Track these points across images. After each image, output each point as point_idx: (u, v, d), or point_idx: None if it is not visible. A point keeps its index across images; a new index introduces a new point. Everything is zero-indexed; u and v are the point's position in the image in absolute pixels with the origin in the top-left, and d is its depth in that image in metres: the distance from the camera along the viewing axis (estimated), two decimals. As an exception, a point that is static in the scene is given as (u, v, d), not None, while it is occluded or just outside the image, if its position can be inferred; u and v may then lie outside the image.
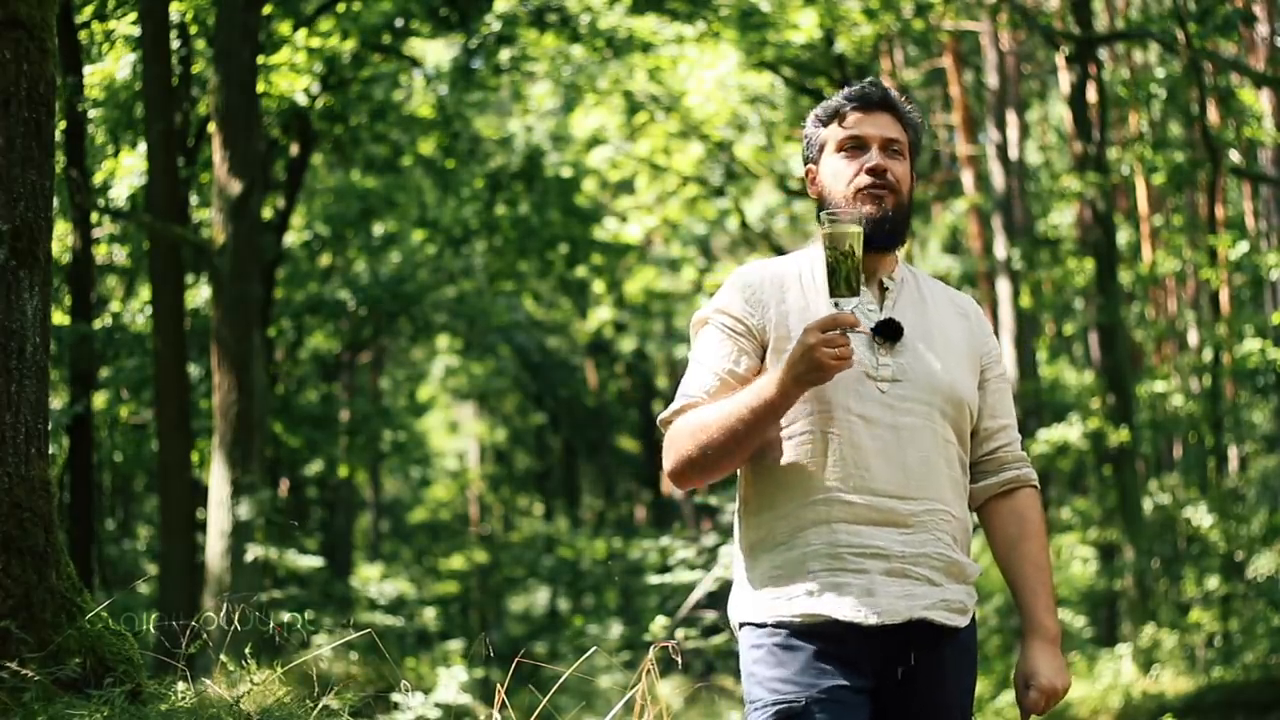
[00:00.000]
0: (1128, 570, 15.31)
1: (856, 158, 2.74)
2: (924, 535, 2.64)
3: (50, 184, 3.23)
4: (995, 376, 2.82)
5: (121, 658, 3.13)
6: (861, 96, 2.77)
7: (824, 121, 2.80)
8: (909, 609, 2.61)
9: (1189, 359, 18.94)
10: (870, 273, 2.72)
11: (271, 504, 10.00)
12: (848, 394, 2.63)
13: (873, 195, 2.70)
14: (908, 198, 2.76)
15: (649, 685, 3.29)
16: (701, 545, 11.34)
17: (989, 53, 18.59)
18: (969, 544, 2.76)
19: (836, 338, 2.49)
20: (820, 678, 2.60)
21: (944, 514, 2.67)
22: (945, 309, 2.80)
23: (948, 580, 2.67)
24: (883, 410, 2.64)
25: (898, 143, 2.75)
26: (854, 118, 2.76)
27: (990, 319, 9.24)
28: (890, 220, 2.71)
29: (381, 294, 19.17)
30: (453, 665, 8.08)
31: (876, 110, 2.76)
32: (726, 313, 2.74)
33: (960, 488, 2.73)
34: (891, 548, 2.61)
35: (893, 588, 2.61)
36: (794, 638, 2.63)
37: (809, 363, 2.50)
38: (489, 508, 32.14)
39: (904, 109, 2.79)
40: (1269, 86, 14.56)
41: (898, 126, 2.77)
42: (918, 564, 2.63)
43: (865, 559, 2.61)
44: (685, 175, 19.89)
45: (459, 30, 14.20)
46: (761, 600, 2.68)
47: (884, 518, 2.62)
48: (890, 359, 2.67)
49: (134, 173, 12.15)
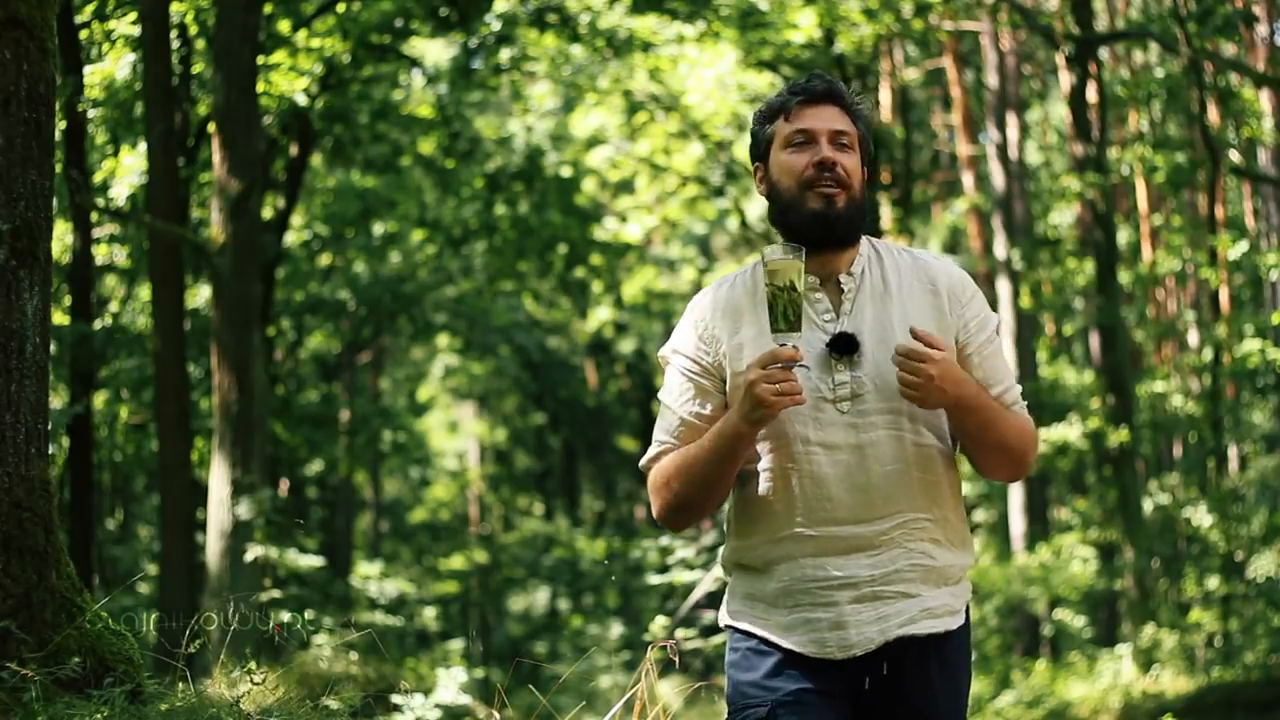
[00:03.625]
0: (1128, 570, 15.30)
1: (805, 151, 2.65)
2: (895, 551, 2.60)
3: (50, 184, 3.23)
4: (981, 344, 2.68)
5: (121, 658, 3.13)
6: (806, 89, 2.69)
7: (769, 118, 2.72)
8: (882, 633, 2.59)
9: (1189, 359, 18.94)
10: (826, 275, 2.66)
11: (271, 504, 9.99)
12: (805, 424, 2.59)
13: (823, 193, 2.63)
14: (860, 191, 2.66)
15: (649, 685, 3.29)
16: (701, 545, 11.33)
17: (989, 53, 18.59)
18: (959, 535, 2.70)
19: (776, 373, 2.46)
20: (788, 681, 2.61)
21: (917, 522, 2.62)
22: (911, 290, 2.67)
23: (927, 588, 2.63)
24: (845, 432, 2.59)
25: (846, 135, 2.66)
26: (800, 111, 2.67)
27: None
28: (842, 219, 2.63)
29: (381, 294, 19.18)
30: (453, 665, 8.09)
31: (823, 103, 2.68)
32: (681, 353, 2.71)
33: (939, 484, 2.65)
34: (860, 574, 2.59)
35: (864, 613, 2.59)
36: (766, 644, 2.66)
37: (752, 400, 2.47)
38: (489, 508, 32.13)
39: (851, 101, 2.71)
40: (1269, 86, 14.57)
41: (845, 119, 2.68)
42: (890, 582, 2.60)
43: (833, 590, 2.59)
44: (685, 175, 19.89)
45: (459, 30, 14.20)
46: (740, 610, 2.72)
47: (849, 545, 2.59)
48: (848, 374, 2.59)
49: (134, 173, 12.14)
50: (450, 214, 18.58)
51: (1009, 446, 2.66)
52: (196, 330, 13.80)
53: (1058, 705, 13.21)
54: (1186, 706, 11.84)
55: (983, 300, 2.74)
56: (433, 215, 18.74)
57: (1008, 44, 18.66)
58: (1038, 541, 17.13)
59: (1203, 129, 14.83)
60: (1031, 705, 13.60)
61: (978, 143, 20.14)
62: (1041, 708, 13.38)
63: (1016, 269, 17.94)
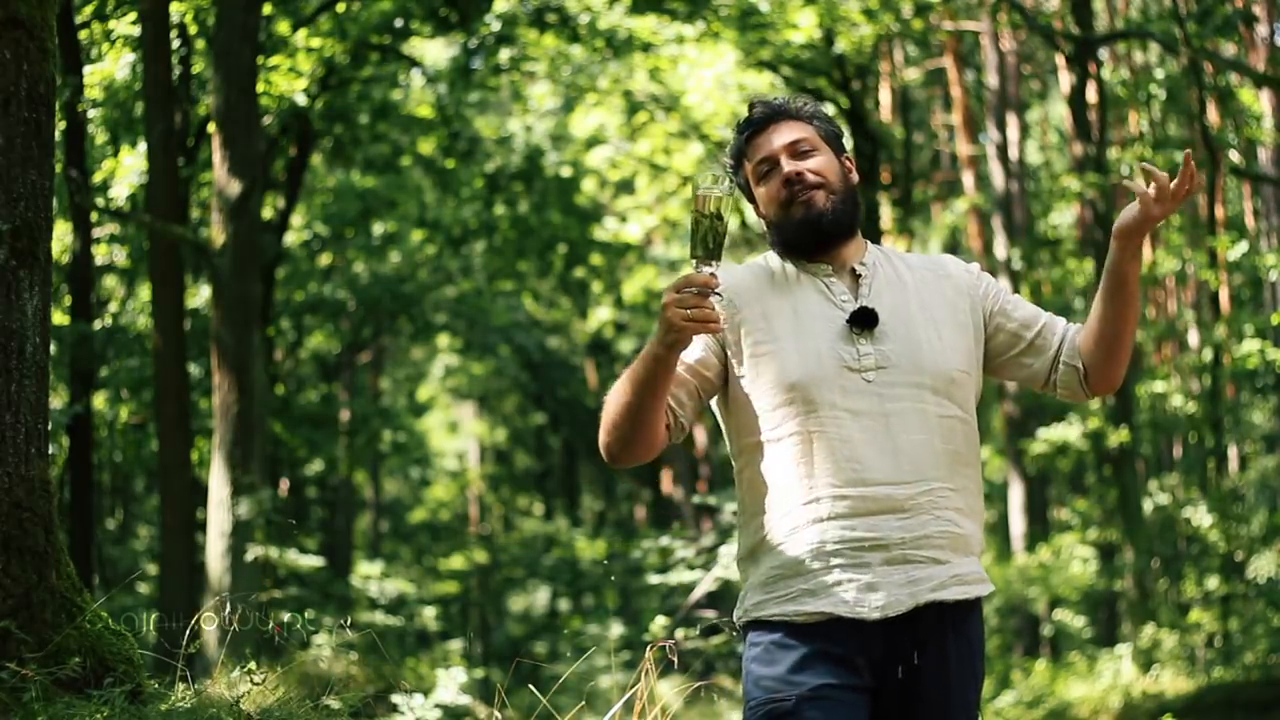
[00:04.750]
0: (1128, 570, 15.32)
1: (773, 177, 2.77)
2: (924, 517, 2.63)
3: (50, 184, 3.24)
4: (1004, 300, 2.81)
5: (121, 658, 3.13)
6: (750, 123, 2.81)
7: (737, 163, 2.83)
8: (913, 596, 2.61)
9: (1189, 359, 18.94)
10: (840, 265, 2.76)
11: (272, 504, 9.99)
12: (831, 390, 2.64)
13: (801, 202, 2.73)
14: (841, 182, 2.77)
15: (649, 685, 3.29)
16: (701, 545, 11.34)
17: (989, 53, 18.59)
18: (978, 511, 2.74)
19: (690, 298, 2.47)
20: (812, 676, 2.61)
21: (943, 491, 2.65)
22: (923, 279, 2.80)
23: (956, 555, 2.66)
24: (870, 400, 2.64)
25: (803, 140, 2.77)
26: (754, 144, 2.80)
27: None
28: (828, 214, 2.73)
29: (381, 294, 19.18)
30: (453, 665, 8.09)
31: (770, 124, 2.80)
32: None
33: (962, 458, 2.70)
34: (890, 535, 2.61)
35: (895, 576, 2.61)
36: (790, 637, 2.64)
37: (664, 323, 2.50)
38: (489, 508, 32.14)
39: (795, 108, 2.81)
40: (1269, 86, 14.56)
41: (796, 126, 2.78)
42: (920, 546, 2.62)
43: (864, 552, 2.61)
44: (685, 175, 19.90)
45: (459, 30, 14.20)
46: (763, 600, 2.70)
47: (880, 506, 2.62)
48: (871, 347, 2.67)
49: (134, 173, 12.15)
50: (450, 214, 18.59)
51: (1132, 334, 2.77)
52: (196, 330, 13.80)
53: (1058, 705, 13.22)
54: (1186, 706, 11.84)
55: (989, 275, 2.89)
56: (433, 215, 18.74)
57: (1008, 44, 18.66)
58: (1038, 541, 17.14)
59: (1203, 129, 14.83)
60: (1031, 705, 13.60)
61: (978, 143, 20.14)
62: (1041, 708, 13.39)
63: (1016, 269, 17.94)
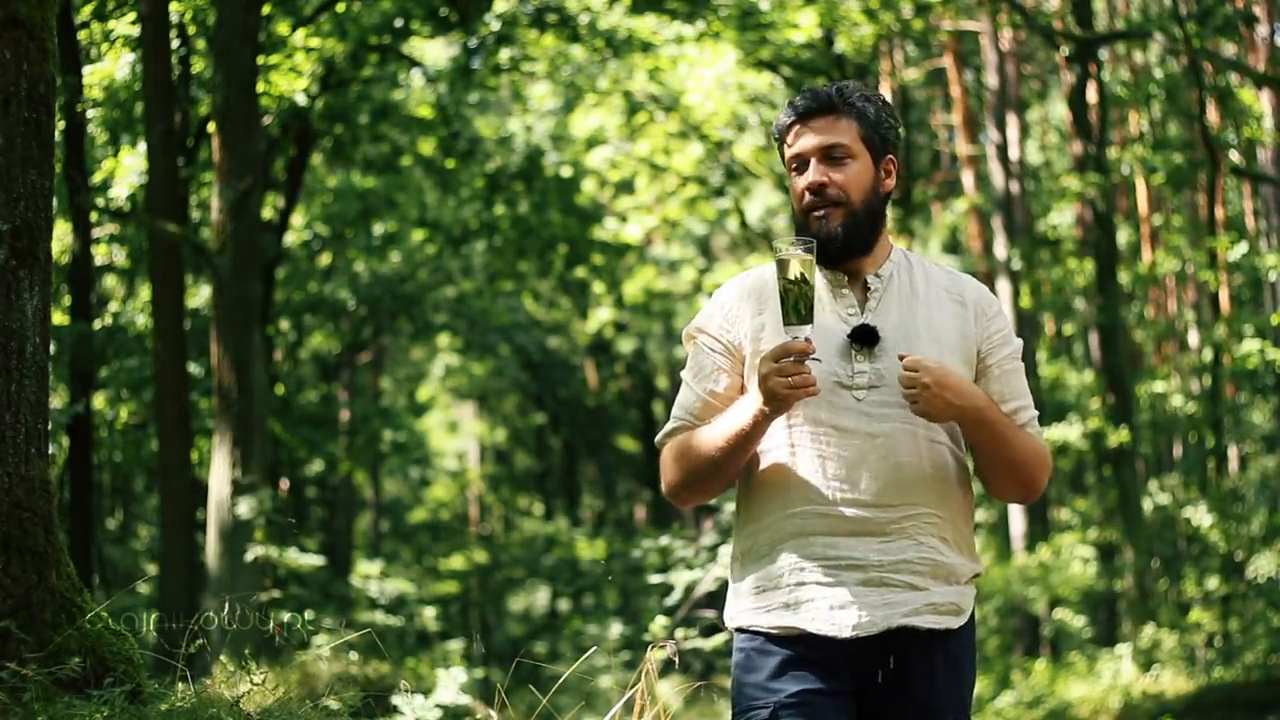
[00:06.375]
0: (1128, 570, 15.31)
1: (801, 176, 2.70)
2: (904, 542, 2.62)
3: (50, 184, 3.23)
4: (1002, 359, 2.73)
5: (121, 658, 3.13)
6: (795, 110, 2.72)
7: (780, 139, 2.76)
8: (886, 618, 2.60)
9: (1189, 359, 18.94)
10: (853, 274, 2.71)
11: (272, 504, 9.99)
12: (819, 407, 2.62)
13: (817, 217, 2.67)
14: (864, 197, 2.68)
15: (649, 685, 3.29)
16: (701, 545, 11.33)
17: (989, 53, 18.58)
18: (968, 541, 2.73)
19: (789, 366, 2.49)
20: (791, 682, 2.62)
21: (928, 517, 2.64)
22: (939, 299, 2.73)
23: (934, 583, 2.64)
24: (858, 419, 2.62)
25: (839, 146, 2.67)
26: (794, 133, 2.71)
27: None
28: (838, 240, 2.66)
29: (381, 294, 19.19)
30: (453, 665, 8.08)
31: (814, 117, 2.69)
32: (705, 331, 2.77)
33: (951, 485, 2.68)
34: (869, 557, 2.61)
35: (870, 597, 2.60)
36: (770, 644, 2.66)
37: (766, 393, 2.52)
38: (489, 508, 32.14)
39: (842, 102, 2.69)
40: (1269, 86, 14.56)
41: (839, 125, 2.68)
42: (898, 571, 2.61)
43: (841, 570, 2.61)
44: (685, 175, 19.89)
45: (459, 30, 14.19)
46: (745, 609, 2.72)
47: (860, 527, 2.61)
48: (868, 365, 2.64)
49: (134, 173, 12.14)
50: (450, 214, 18.58)
51: (1019, 465, 2.70)
52: (196, 330, 13.80)
53: (1058, 705, 13.21)
54: (1186, 707, 11.84)
55: (1008, 321, 2.79)
56: (433, 215, 18.74)
57: (1008, 44, 18.65)
58: (1038, 541, 17.13)
59: (1203, 129, 14.83)
60: (1031, 705, 13.59)
61: (978, 143, 20.13)
62: (1041, 708, 13.38)
63: (1016, 269, 17.93)
